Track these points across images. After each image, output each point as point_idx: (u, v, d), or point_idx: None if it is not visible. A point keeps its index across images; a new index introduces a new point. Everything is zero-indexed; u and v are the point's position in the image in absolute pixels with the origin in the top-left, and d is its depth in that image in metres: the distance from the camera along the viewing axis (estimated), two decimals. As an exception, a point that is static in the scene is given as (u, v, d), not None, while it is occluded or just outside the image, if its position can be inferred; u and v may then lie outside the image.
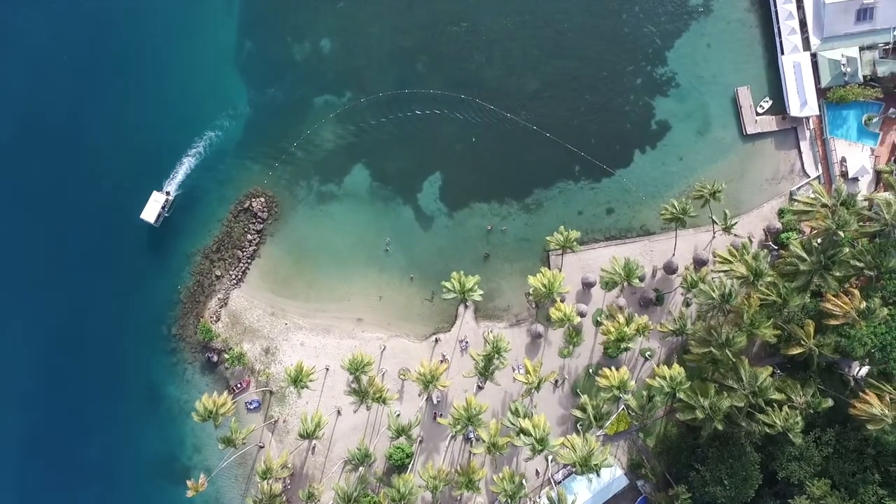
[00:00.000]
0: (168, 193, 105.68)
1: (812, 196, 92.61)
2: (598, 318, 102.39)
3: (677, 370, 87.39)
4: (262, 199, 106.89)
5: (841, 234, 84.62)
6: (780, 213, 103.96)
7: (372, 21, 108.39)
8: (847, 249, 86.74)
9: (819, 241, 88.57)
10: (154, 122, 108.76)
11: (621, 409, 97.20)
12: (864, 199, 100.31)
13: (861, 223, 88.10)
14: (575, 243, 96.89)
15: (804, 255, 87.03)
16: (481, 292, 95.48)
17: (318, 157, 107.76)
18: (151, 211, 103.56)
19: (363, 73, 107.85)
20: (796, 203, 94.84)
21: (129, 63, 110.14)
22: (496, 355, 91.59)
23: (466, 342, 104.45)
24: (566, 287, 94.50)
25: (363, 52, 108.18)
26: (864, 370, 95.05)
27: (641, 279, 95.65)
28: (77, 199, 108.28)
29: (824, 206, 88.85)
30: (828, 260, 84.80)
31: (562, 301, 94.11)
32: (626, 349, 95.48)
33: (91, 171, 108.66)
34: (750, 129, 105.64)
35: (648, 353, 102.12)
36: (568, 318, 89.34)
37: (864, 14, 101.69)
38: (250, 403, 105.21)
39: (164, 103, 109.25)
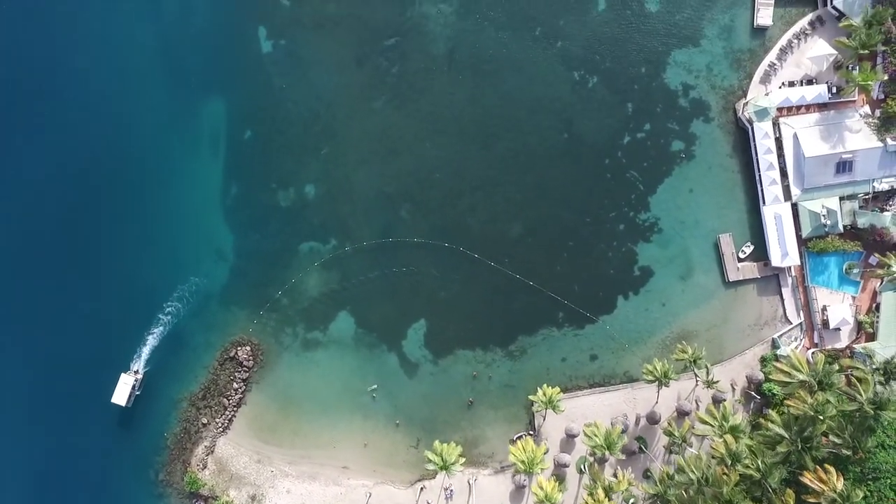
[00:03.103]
0: (137, 372, 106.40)
1: (790, 365, 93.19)
2: (581, 466, 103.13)
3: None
4: (248, 348, 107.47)
5: (819, 417, 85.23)
6: (763, 361, 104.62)
7: (356, 167, 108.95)
8: (825, 425, 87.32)
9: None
10: (137, 269, 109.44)
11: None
12: (847, 348, 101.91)
13: (840, 398, 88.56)
14: (558, 404, 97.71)
15: (783, 432, 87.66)
16: (463, 461, 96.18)
17: (303, 304, 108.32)
18: (122, 394, 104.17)
19: (347, 220, 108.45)
20: (775, 369, 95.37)
21: (112, 207, 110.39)
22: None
23: (451, 490, 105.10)
24: (546, 463, 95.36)
25: (347, 199, 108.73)
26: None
27: (624, 445, 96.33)
28: (67, 338, 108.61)
29: (802, 382, 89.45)
30: (805, 443, 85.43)
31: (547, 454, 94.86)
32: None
33: (82, 313, 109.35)
34: (732, 277, 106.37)
35: (632, 500, 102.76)
36: (549, 500, 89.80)
37: (843, 167, 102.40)
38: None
39: (148, 248, 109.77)
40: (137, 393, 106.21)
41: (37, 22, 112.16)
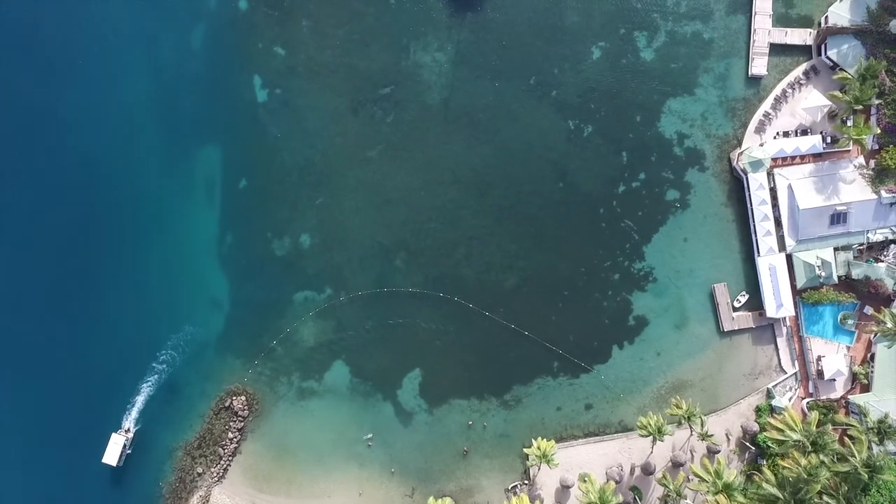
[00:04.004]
0: (128, 431, 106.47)
1: (784, 422, 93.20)
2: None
3: None
4: (243, 398, 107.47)
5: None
6: (758, 411, 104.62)
7: (351, 217, 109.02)
8: (820, 485, 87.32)
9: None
10: (132, 317, 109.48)
11: None
12: (842, 398, 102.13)
13: (834, 459, 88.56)
14: (553, 458, 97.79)
15: (777, 492, 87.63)
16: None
17: (299, 353, 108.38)
18: (113, 454, 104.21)
19: (342, 269, 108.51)
20: (770, 426, 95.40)
21: (107, 255, 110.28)
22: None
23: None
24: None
25: (342, 248, 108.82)
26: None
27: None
28: (57, 390, 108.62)
29: (796, 442, 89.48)
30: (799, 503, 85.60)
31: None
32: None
33: (74, 364, 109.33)
34: (727, 327, 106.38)
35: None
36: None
37: (838, 218, 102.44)
38: None
39: (143, 297, 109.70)
40: (129, 452, 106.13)
41: (32, 69, 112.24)
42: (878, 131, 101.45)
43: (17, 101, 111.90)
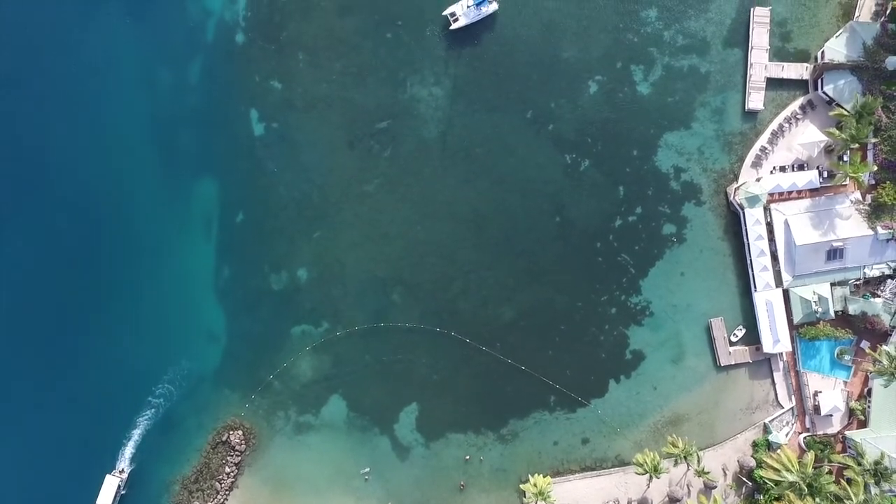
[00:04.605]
0: (122, 472, 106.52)
1: (780, 462, 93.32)
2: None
3: None
4: (240, 432, 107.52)
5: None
6: (755, 446, 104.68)
7: (348, 251, 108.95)
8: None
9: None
10: (128, 351, 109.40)
11: None
12: (839, 433, 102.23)
13: (831, 501, 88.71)
14: (549, 495, 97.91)
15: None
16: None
17: (296, 387, 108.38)
18: (107, 496, 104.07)
19: (339, 303, 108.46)
20: (766, 465, 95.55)
21: (102, 289, 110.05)
22: None
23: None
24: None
25: (339, 283, 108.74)
26: None
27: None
28: (52, 426, 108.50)
29: (792, 483, 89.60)
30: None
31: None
32: None
33: (68, 398, 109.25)
34: (724, 361, 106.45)
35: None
36: None
37: (834, 254, 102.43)
38: None
39: (139, 330, 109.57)
40: (123, 492, 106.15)
41: (28, 101, 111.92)
42: (875, 169, 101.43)
43: (10, 133, 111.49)
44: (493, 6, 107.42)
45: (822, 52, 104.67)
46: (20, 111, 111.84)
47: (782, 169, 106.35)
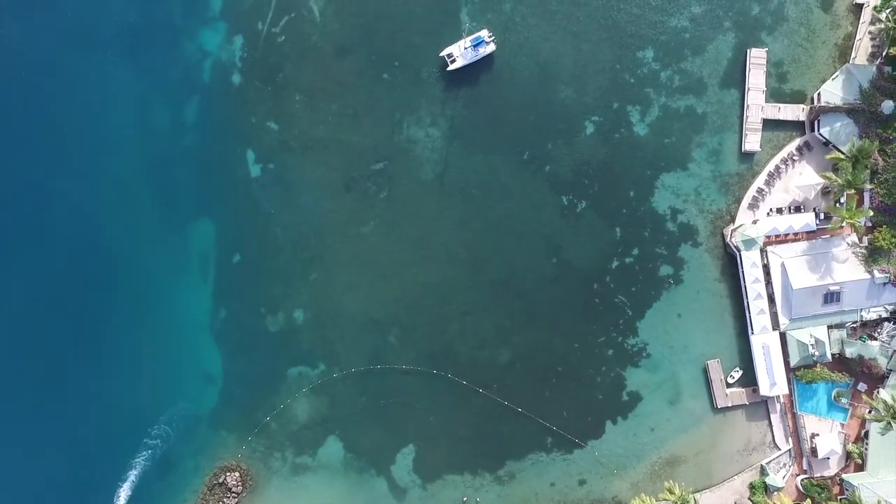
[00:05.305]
0: None
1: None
2: None
3: None
4: (237, 474, 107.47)
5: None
6: (752, 487, 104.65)
7: (344, 293, 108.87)
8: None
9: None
10: (124, 393, 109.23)
11: None
12: (836, 475, 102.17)
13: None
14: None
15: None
16: None
17: (292, 429, 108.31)
18: None
19: (336, 345, 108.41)
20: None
21: (99, 330, 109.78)
22: None
23: None
24: None
25: (336, 324, 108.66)
26: None
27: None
28: (45, 471, 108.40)
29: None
30: None
31: None
32: None
33: (63, 441, 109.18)
34: (721, 403, 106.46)
35: None
36: None
37: (831, 297, 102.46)
38: None
39: (136, 372, 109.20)
40: None
41: (23, 140, 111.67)
42: (871, 214, 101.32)
43: (5, 172, 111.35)
44: (491, 47, 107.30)
45: (819, 95, 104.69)
46: (16, 151, 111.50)
47: (779, 211, 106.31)
